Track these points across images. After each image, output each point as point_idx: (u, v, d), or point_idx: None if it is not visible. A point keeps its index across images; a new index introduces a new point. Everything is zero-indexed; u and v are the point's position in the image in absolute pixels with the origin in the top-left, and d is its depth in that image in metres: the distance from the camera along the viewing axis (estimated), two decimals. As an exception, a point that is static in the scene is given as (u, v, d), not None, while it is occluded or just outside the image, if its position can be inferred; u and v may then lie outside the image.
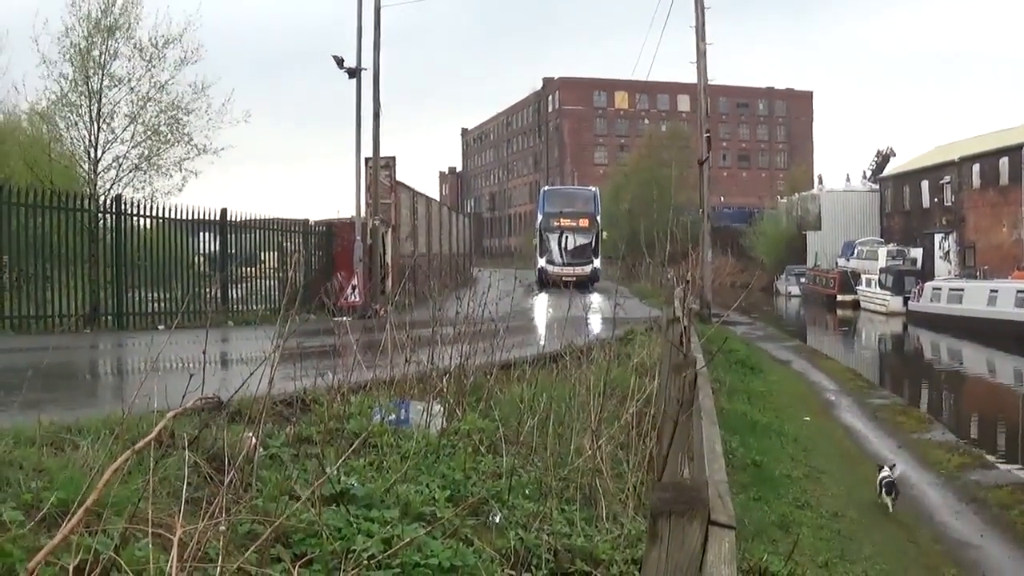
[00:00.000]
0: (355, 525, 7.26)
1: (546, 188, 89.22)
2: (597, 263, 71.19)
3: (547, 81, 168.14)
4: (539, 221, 75.16)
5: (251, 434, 8.20)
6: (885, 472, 18.43)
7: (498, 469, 9.63)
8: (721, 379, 24.27)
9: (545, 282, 57.79)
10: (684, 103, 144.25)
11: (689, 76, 47.95)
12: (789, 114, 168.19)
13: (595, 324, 17.91)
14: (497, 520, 8.41)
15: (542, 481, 9.41)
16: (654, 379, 13.20)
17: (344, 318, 21.33)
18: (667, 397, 8.31)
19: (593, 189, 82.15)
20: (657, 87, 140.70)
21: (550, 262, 69.59)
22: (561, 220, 72.80)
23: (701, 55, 43.60)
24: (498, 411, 11.21)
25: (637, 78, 74.06)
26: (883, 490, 18.13)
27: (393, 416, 10.63)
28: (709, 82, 44.98)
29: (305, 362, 10.79)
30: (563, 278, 44.62)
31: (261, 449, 8.19)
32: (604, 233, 74.59)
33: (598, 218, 74.79)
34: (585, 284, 54.71)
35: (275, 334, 8.69)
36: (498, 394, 12.44)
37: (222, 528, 6.10)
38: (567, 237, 72.02)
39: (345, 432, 9.88)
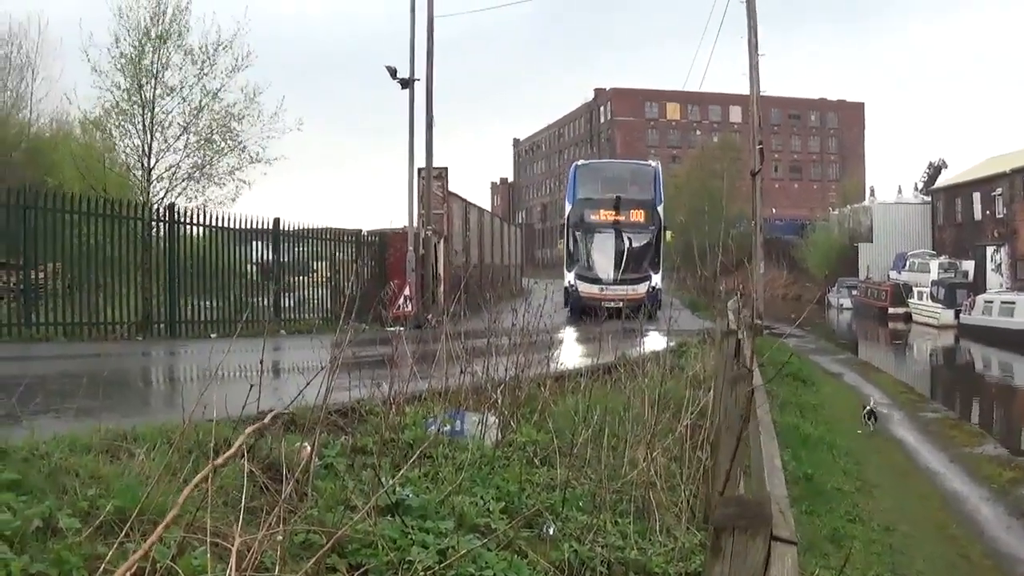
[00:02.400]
0: (410, 536, 7.27)
1: (580, 163, 56.33)
2: (657, 279, 47.70)
3: (599, 92, 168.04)
4: (568, 213, 50.33)
5: (307, 444, 8.21)
6: (870, 406, 27.21)
7: (552, 481, 9.61)
8: (773, 392, 24.17)
9: (578, 308, 41.23)
10: (736, 114, 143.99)
11: (740, 87, 47.78)
12: (841, 125, 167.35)
13: (649, 340, 17.79)
14: (551, 532, 8.40)
15: (596, 493, 9.39)
16: (707, 392, 13.16)
17: (397, 328, 21.33)
18: (725, 410, 8.26)
19: (652, 164, 53.95)
20: (709, 98, 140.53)
21: (585, 277, 47.16)
22: (602, 213, 48.44)
23: (753, 67, 43.28)
24: (552, 423, 11.17)
25: (689, 89, 70.69)
26: (868, 418, 26.50)
27: (448, 427, 10.62)
28: (761, 93, 44.77)
29: (359, 372, 10.79)
30: (606, 302, 37.22)
31: (316, 459, 8.19)
32: (669, 233, 51.59)
33: (660, 209, 49.74)
34: (637, 310, 29.69)
35: (328, 344, 8.70)
36: (552, 406, 12.42)
37: (279, 538, 6.11)
38: (612, 239, 47.70)
39: (400, 443, 9.90)
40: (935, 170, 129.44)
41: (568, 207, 50.93)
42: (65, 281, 25.71)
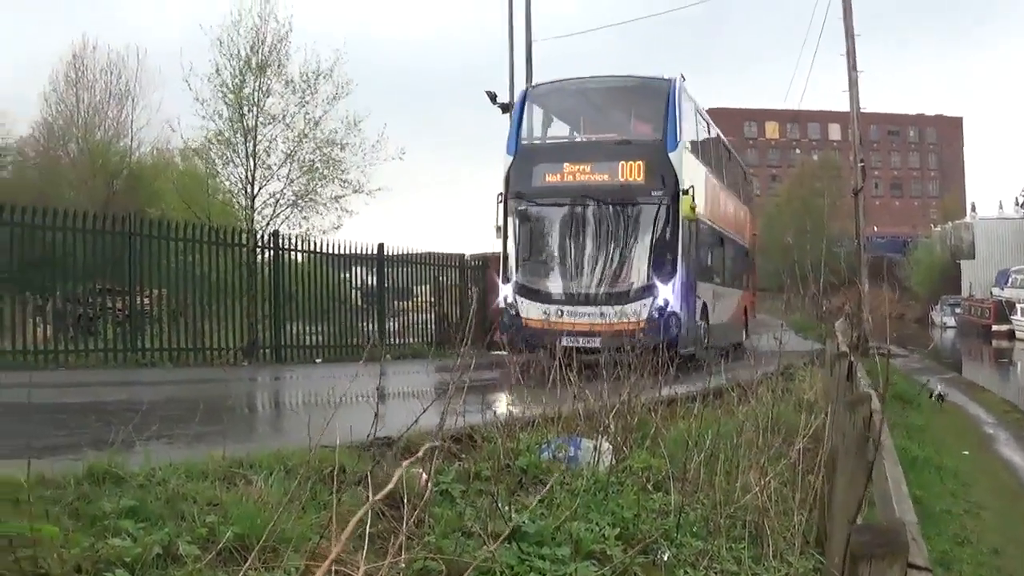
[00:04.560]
0: (527, 563, 7.23)
1: (533, 86, 32.41)
2: (677, 293, 26.20)
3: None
4: (505, 174, 28.20)
5: (422, 470, 8.21)
6: (938, 391, 30.02)
7: (666, 507, 9.56)
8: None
9: (522, 343, 22.32)
10: (835, 131, 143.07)
11: (839, 104, 47.48)
12: (939, 141, 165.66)
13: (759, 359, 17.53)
14: (666, 558, 8.33)
15: (709, 519, 9.32)
16: (818, 414, 13.04)
17: (502, 352, 21.34)
18: (843, 434, 8.15)
19: (668, 79, 28.08)
20: (807, 115, 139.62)
21: (531, 292, 27.19)
22: (564, 169, 27.61)
23: (853, 84, 42.95)
24: (664, 448, 11.11)
25: (789, 107, 69.28)
26: (937, 399, 29.78)
27: (562, 453, 10.59)
28: (860, 109, 44.36)
29: (468, 397, 10.79)
30: (569, 338, 22.04)
31: (430, 486, 8.19)
32: (688, 203, 26.33)
33: (681, 159, 26.88)
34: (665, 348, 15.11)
35: (433, 369, 8.71)
36: (663, 431, 12.36)
37: (402, 566, 6.10)
38: (583, 218, 27.09)
39: (514, 469, 9.89)
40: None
41: (507, 162, 28.20)
42: (170, 307, 26.02)
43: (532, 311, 26.65)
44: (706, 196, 30.07)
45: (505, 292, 27.57)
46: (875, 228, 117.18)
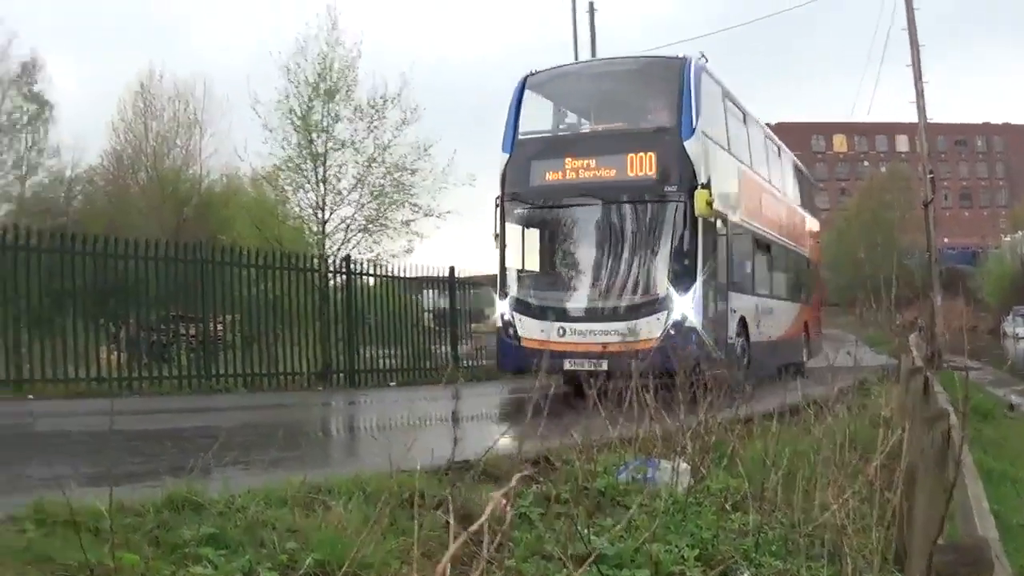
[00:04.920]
0: (608, 585, 7.23)
1: (532, 73, 25.14)
2: (695, 314, 21.78)
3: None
4: (501, 175, 24.29)
5: (500, 493, 8.19)
6: (1015, 400, 29.32)
7: (744, 527, 9.52)
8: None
9: (519, 365, 22.75)
10: (902, 143, 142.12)
11: (905, 115, 47.09)
12: (1007, 149, 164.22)
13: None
14: (745, 579, 8.31)
15: (788, 538, 9.27)
16: (894, 430, 12.94)
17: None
18: (921, 451, 8.08)
19: (682, 57, 24.19)
20: (875, 128, 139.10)
21: (529, 308, 23.38)
22: (567, 165, 23.52)
23: (919, 95, 42.60)
24: (741, 467, 11.05)
25: (858, 118, 68.18)
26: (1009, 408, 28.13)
27: (640, 474, 10.57)
28: (927, 120, 44.03)
29: (544, 419, 10.76)
30: (572, 361, 21.74)
31: (510, 509, 8.19)
32: (705, 198, 21.76)
33: (698, 149, 22.47)
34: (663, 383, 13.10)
35: (507, 390, 8.72)
36: (740, 450, 12.29)
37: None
38: (588, 222, 23.40)
39: (592, 491, 9.87)
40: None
41: (503, 161, 24.40)
42: (244, 333, 26.21)
43: (531, 330, 23.05)
44: (742, 194, 26.46)
45: (501, 309, 23.98)
46: (946, 240, 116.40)
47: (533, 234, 24.36)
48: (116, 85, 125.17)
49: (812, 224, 38.70)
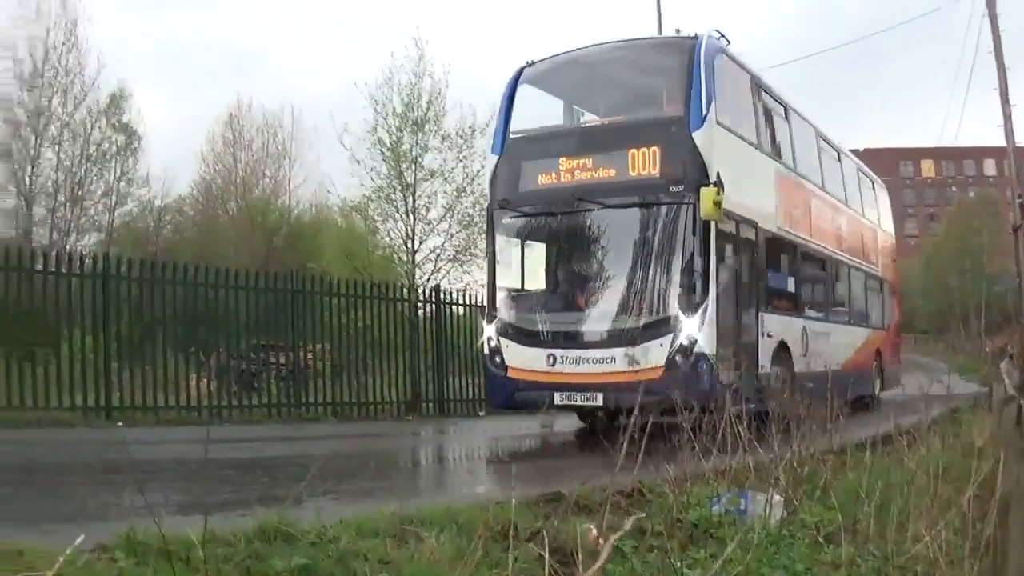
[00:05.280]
0: (702, 619, 7.14)
1: (526, 64, 21.81)
2: (706, 338, 17.76)
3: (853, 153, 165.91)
4: (489, 180, 21.65)
5: (592, 526, 8.12)
6: None
7: (837, 560, 9.38)
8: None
9: (507, 400, 20.52)
10: (990, 167, 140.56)
11: (993, 139, 46.32)
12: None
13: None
14: (838, 612, 8.20)
15: (880, 570, 9.14)
16: (987, 460, 12.74)
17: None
18: (1017, 481, 7.92)
19: (692, 37, 19.57)
20: (962, 153, 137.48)
21: (519, 332, 19.78)
22: (561, 166, 19.74)
23: (1007, 118, 41.95)
24: (834, 499, 10.90)
25: (946, 143, 66.68)
26: None
27: (733, 506, 10.45)
28: (1015, 144, 43.37)
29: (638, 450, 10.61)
30: (564, 395, 18.88)
31: (601, 541, 8.10)
32: (711, 195, 17.50)
33: (719, 147, 18.76)
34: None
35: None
36: (832, 481, 12.14)
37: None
38: (582, 232, 19.91)
39: (685, 523, 9.75)
40: None
41: (492, 164, 21.73)
42: (333, 361, 26.28)
43: (517, 357, 19.76)
44: (780, 199, 22.69)
45: (488, 333, 20.58)
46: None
47: (522, 247, 21.19)
48: (205, 116, 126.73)
49: (886, 241, 34.64)
